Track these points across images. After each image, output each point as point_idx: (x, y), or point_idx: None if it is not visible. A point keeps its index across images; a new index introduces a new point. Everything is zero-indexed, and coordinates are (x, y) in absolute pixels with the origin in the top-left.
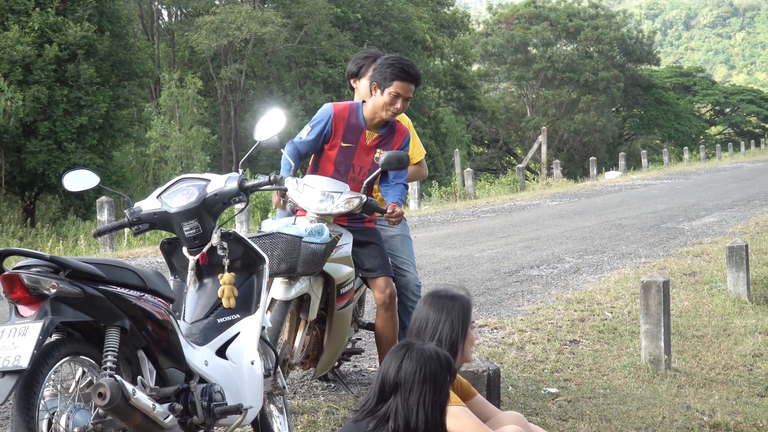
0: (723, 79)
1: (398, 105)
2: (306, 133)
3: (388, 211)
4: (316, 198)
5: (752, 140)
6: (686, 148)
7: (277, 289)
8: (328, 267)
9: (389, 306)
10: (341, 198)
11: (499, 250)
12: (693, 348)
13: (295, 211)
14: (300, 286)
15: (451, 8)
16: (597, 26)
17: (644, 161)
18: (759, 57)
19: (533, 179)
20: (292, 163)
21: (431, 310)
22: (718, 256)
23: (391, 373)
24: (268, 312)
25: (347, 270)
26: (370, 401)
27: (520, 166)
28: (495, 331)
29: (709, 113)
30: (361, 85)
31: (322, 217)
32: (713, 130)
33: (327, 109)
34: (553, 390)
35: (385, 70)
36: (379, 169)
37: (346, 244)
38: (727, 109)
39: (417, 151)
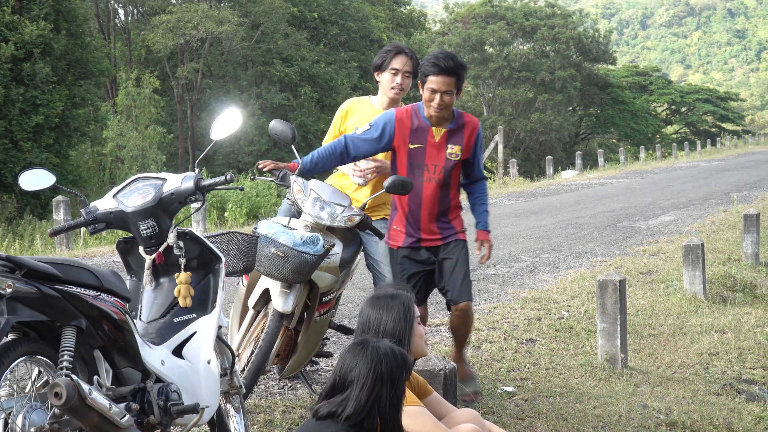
0: (679, 78)
1: (436, 100)
2: (363, 131)
3: (477, 251)
4: (318, 206)
5: (708, 139)
6: (642, 147)
7: (277, 301)
8: (315, 275)
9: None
10: (344, 213)
11: None
12: (649, 347)
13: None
14: (296, 297)
15: (407, 7)
16: (553, 25)
17: (600, 160)
18: (715, 56)
19: (490, 178)
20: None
21: (371, 310)
22: (674, 255)
23: (345, 370)
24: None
25: (332, 279)
26: (324, 397)
27: None
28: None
29: (666, 112)
30: (383, 78)
31: (318, 226)
32: (669, 129)
33: (389, 113)
34: (510, 389)
35: (422, 67)
36: (383, 191)
37: (335, 253)
38: (683, 109)
39: None
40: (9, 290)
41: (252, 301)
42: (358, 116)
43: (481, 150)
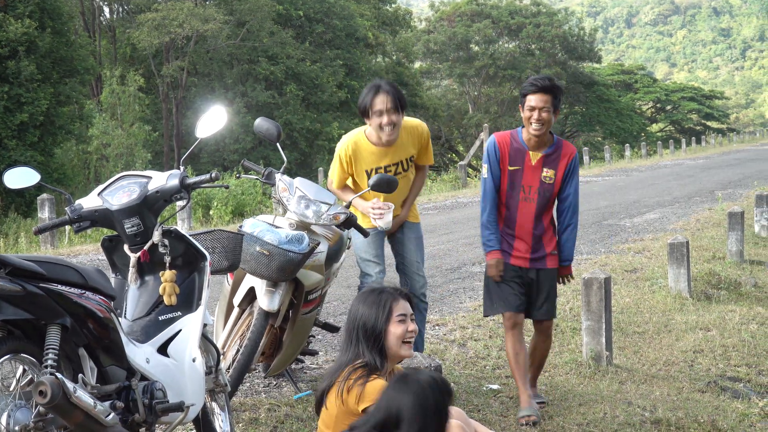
0: (664, 76)
1: (535, 116)
2: (486, 171)
3: (559, 283)
4: (303, 204)
5: (693, 137)
6: (628, 145)
7: (262, 299)
8: (300, 273)
9: (546, 338)
10: (329, 211)
11: (441, 247)
12: (634, 344)
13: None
14: (282, 295)
15: (393, 5)
16: (539, 24)
17: (586, 158)
18: (700, 55)
19: (475, 176)
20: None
21: (356, 303)
22: (659, 253)
23: (391, 407)
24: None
25: (318, 277)
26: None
27: (462, 163)
28: (437, 327)
29: (651, 111)
30: (373, 123)
31: (303, 224)
32: (654, 127)
33: (491, 139)
34: (495, 387)
35: (521, 89)
36: (367, 189)
37: (321, 252)
38: (668, 107)
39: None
40: None
41: (237, 299)
42: (364, 162)
43: (575, 178)
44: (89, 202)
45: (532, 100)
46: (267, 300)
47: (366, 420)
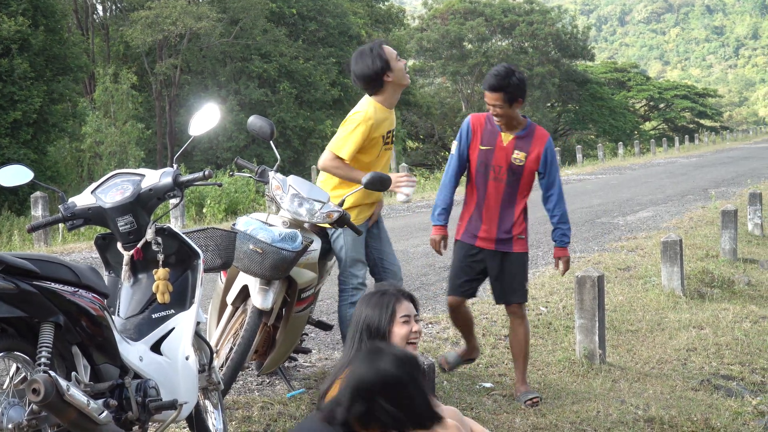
0: (657, 74)
1: (491, 111)
2: (455, 148)
3: (561, 268)
4: (297, 202)
5: (686, 135)
6: (621, 143)
7: (256, 298)
8: (293, 271)
9: (521, 321)
10: (323, 209)
11: None
12: (627, 342)
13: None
14: (275, 293)
15: (386, 3)
16: (532, 22)
17: (579, 156)
18: (693, 53)
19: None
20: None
21: (359, 305)
22: (652, 251)
23: (367, 377)
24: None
25: (311, 276)
26: (340, 403)
27: None
28: (430, 326)
29: (644, 108)
30: (396, 70)
31: (296, 222)
32: (648, 125)
33: (466, 119)
34: (488, 385)
35: None
36: (360, 186)
37: (314, 250)
38: (662, 105)
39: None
40: None
41: (231, 297)
42: (380, 128)
43: (555, 164)
44: (82, 200)
45: (486, 96)
46: (260, 298)
47: (331, 401)
